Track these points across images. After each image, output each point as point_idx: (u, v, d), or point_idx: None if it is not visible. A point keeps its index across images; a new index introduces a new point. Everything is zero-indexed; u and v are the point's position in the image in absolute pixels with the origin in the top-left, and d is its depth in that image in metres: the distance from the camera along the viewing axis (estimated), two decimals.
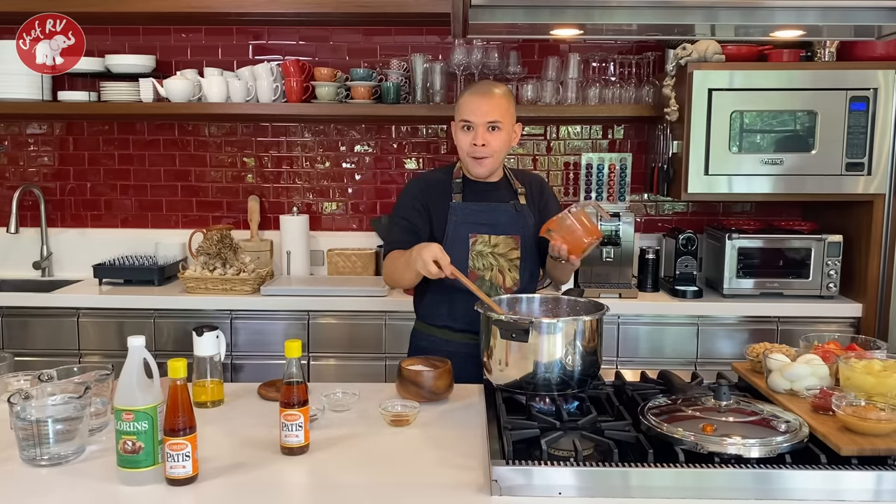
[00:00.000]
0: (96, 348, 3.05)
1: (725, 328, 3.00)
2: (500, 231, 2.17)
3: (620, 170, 3.28)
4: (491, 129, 2.10)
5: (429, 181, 2.26)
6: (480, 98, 2.11)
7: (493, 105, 2.10)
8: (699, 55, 2.92)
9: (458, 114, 2.15)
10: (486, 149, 2.11)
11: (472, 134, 2.10)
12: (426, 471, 1.46)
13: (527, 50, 3.40)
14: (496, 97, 2.11)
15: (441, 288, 2.15)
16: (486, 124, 2.09)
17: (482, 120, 2.09)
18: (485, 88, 2.14)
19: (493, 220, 2.18)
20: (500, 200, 2.21)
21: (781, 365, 1.69)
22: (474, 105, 2.10)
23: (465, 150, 2.14)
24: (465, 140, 2.13)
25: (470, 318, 2.09)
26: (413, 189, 2.25)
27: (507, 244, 2.18)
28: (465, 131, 2.12)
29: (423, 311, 2.27)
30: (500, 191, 2.23)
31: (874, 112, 2.89)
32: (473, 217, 2.17)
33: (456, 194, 2.19)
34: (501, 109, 2.11)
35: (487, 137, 2.10)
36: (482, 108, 2.09)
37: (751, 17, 1.72)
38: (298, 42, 3.50)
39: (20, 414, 1.45)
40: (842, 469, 1.34)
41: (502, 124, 2.11)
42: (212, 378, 1.81)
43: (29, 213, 3.55)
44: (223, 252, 3.13)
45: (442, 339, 2.20)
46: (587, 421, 1.55)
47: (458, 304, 2.16)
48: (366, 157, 3.57)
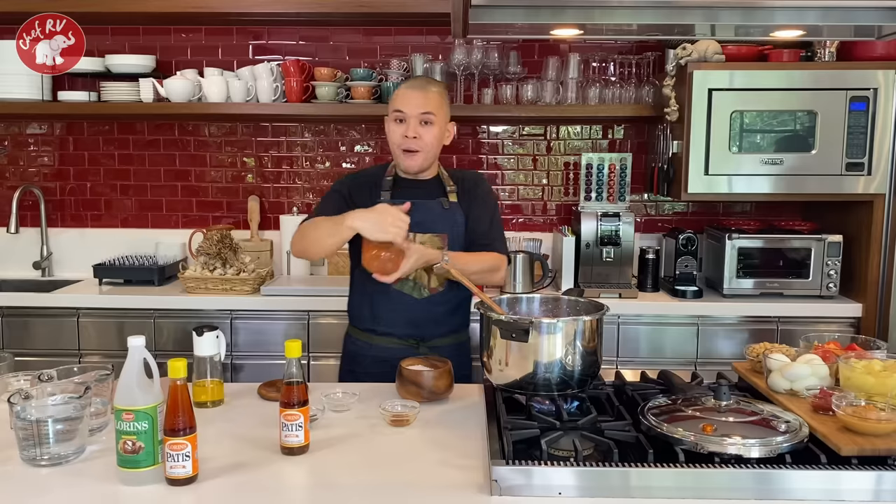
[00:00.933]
0: (96, 348, 3.05)
1: (725, 328, 3.00)
2: (427, 229, 2.11)
3: (620, 170, 3.27)
4: (424, 123, 2.08)
5: (359, 177, 2.23)
6: (415, 91, 2.10)
7: (428, 98, 2.08)
8: (699, 55, 2.92)
9: (391, 104, 2.12)
10: (417, 142, 2.08)
11: (405, 126, 2.08)
12: (426, 471, 1.46)
13: (527, 50, 3.40)
14: (431, 92, 2.10)
15: (362, 288, 2.10)
16: (419, 116, 2.07)
17: (415, 112, 2.07)
18: (420, 83, 2.14)
19: (420, 219, 2.08)
20: (428, 198, 2.16)
21: (781, 365, 1.69)
22: (408, 97, 2.09)
23: (396, 142, 2.10)
24: (396, 132, 2.09)
25: (392, 321, 2.08)
26: (344, 181, 2.22)
27: (434, 242, 2.11)
28: (397, 123, 2.10)
29: (350, 313, 2.22)
30: (429, 188, 2.19)
31: (874, 112, 2.89)
32: None
33: (384, 191, 2.15)
34: (435, 103, 2.09)
35: (420, 130, 2.07)
36: (416, 100, 2.08)
37: (751, 17, 1.72)
38: (298, 42, 3.50)
39: (20, 414, 1.45)
40: (842, 469, 1.34)
41: (435, 118, 2.08)
42: (212, 378, 1.81)
43: (29, 213, 3.55)
44: (223, 252, 3.13)
45: (367, 344, 2.15)
46: (587, 421, 1.55)
47: (378, 305, 2.10)
48: (366, 157, 3.57)
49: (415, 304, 2.11)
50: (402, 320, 2.11)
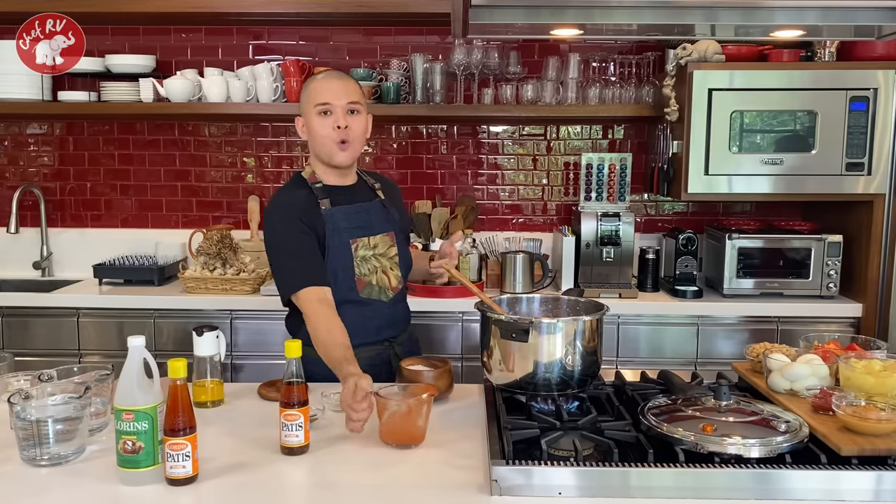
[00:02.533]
0: (96, 348, 3.05)
1: (725, 328, 3.00)
2: (377, 230, 2.07)
3: (620, 170, 3.27)
4: (351, 113, 1.99)
5: (292, 202, 2.01)
6: (337, 81, 2.00)
7: (352, 87, 2.00)
8: (699, 55, 2.92)
9: (311, 99, 1.99)
10: (348, 131, 1.98)
11: (333, 118, 1.97)
12: (426, 471, 1.46)
13: (527, 50, 3.40)
14: (352, 83, 2.02)
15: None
16: (347, 106, 1.97)
17: (342, 101, 1.97)
18: (336, 74, 2.05)
19: (367, 221, 2.05)
20: (363, 200, 2.10)
21: (781, 365, 1.69)
22: (333, 86, 1.98)
23: (327, 135, 1.97)
24: (324, 125, 1.97)
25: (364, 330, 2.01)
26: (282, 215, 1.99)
27: (385, 242, 2.08)
28: (322, 116, 1.97)
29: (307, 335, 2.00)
30: (359, 192, 2.12)
31: (874, 112, 2.89)
32: (348, 221, 2.03)
33: (322, 200, 2.01)
34: (358, 93, 2.02)
35: (349, 120, 1.98)
36: (340, 89, 1.98)
37: (751, 17, 1.72)
38: (298, 42, 3.50)
39: (20, 414, 1.45)
40: (842, 469, 1.34)
41: (361, 108, 2.01)
42: (212, 378, 1.81)
43: (29, 213, 3.55)
44: (223, 252, 3.13)
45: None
46: (587, 421, 1.55)
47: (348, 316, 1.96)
48: (366, 157, 3.57)
49: (382, 307, 2.08)
50: (373, 327, 2.06)
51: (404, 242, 2.18)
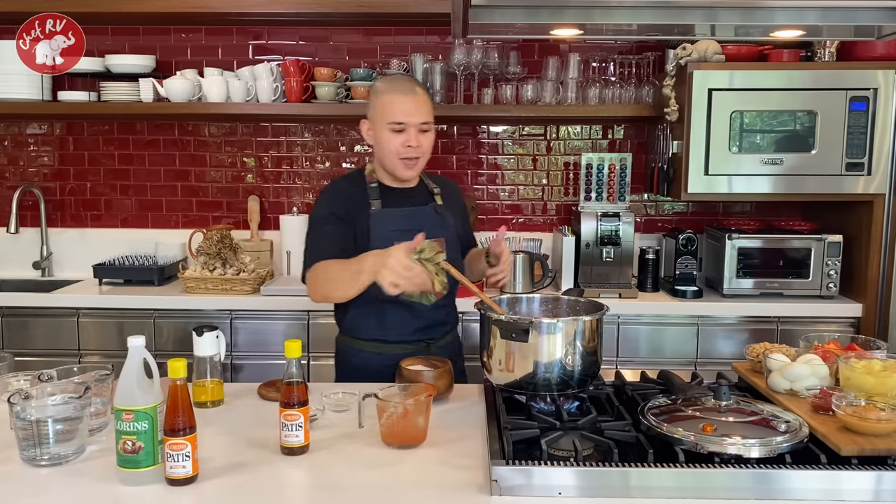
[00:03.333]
0: (96, 348, 3.05)
1: (725, 328, 3.00)
2: (426, 236, 2.04)
3: (620, 170, 3.27)
4: (422, 132, 2.05)
5: (340, 192, 2.13)
6: (412, 99, 2.04)
7: (424, 105, 2.05)
8: (699, 55, 2.92)
9: (384, 115, 2.04)
10: (418, 149, 2.04)
11: (405, 136, 2.02)
12: (426, 471, 1.46)
13: (527, 50, 3.40)
14: (424, 97, 2.06)
15: (369, 299, 2.02)
16: (419, 125, 2.03)
17: (416, 121, 2.02)
18: (411, 88, 2.06)
19: (416, 226, 2.04)
20: (418, 204, 2.14)
21: (781, 365, 1.69)
22: (407, 106, 2.03)
23: (394, 151, 2.04)
24: (395, 141, 2.03)
25: (402, 329, 2.06)
26: (327, 202, 2.10)
27: (433, 248, 2.05)
28: (394, 134, 2.03)
29: (349, 325, 2.15)
30: (417, 195, 2.16)
31: (874, 112, 2.89)
32: (396, 224, 2.06)
33: (374, 200, 2.08)
34: (429, 110, 2.06)
35: (420, 138, 2.04)
36: (417, 109, 2.03)
37: (751, 17, 1.72)
38: (298, 42, 3.50)
39: (20, 414, 1.45)
40: (842, 469, 1.34)
41: (430, 125, 2.07)
42: (212, 378, 1.81)
43: (29, 213, 3.56)
44: (223, 252, 3.13)
45: (374, 354, 2.10)
46: (587, 421, 1.55)
47: (389, 315, 2.07)
48: (366, 156, 3.57)
49: (423, 309, 2.08)
50: (411, 327, 2.09)
51: (456, 249, 2.17)
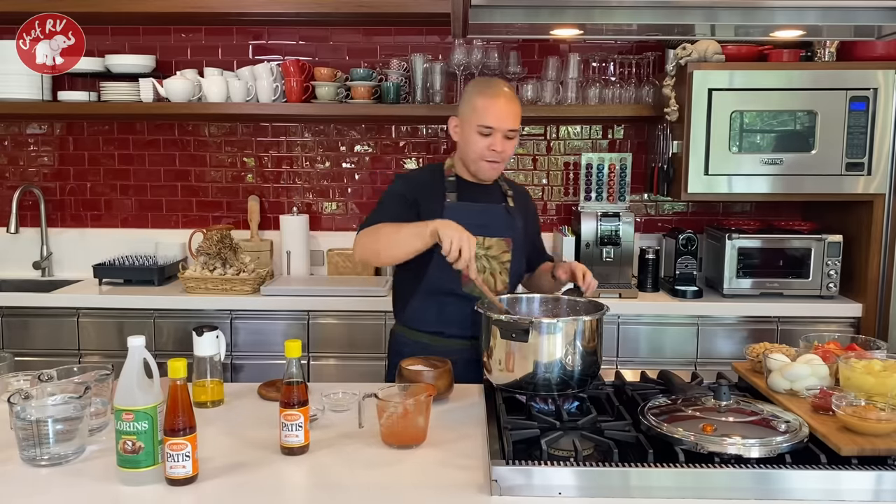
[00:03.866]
0: (96, 348, 3.05)
1: (725, 328, 3.00)
2: (494, 233, 2.14)
3: (620, 170, 3.28)
4: (508, 138, 2.08)
5: (418, 178, 2.21)
6: (504, 104, 2.06)
7: (515, 113, 2.08)
8: (699, 55, 2.92)
9: (474, 115, 2.07)
10: (502, 154, 2.09)
11: (491, 139, 2.06)
12: (426, 471, 1.46)
13: (527, 50, 3.40)
14: (515, 105, 2.09)
15: (431, 291, 2.10)
16: (507, 132, 2.07)
17: (505, 127, 2.06)
18: (505, 93, 2.09)
19: (487, 222, 2.13)
20: (491, 202, 2.19)
21: (781, 365, 1.69)
22: (499, 112, 2.05)
23: (479, 153, 2.08)
24: (481, 143, 2.07)
25: (464, 322, 2.07)
26: (402, 183, 2.18)
27: (500, 247, 2.15)
28: (481, 136, 2.07)
29: (408, 316, 2.19)
30: (491, 193, 2.21)
31: (874, 112, 2.89)
32: (468, 218, 2.07)
33: (450, 193, 2.14)
34: (518, 117, 2.10)
35: (505, 144, 2.08)
36: (507, 116, 2.06)
37: (751, 17, 1.72)
38: (298, 42, 3.50)
39: (20, 414, 1.45)
40: (842, 469, 1.34)
41: (516, 132, 2.11)
42: (212, 378, 1.81)
43: (29, 213, 3.56)
44: (223, 252, 3.13)
45: (429, 346, 2.12)
46: (587, 421, 1.55)
47: (449, 308, 2.11)
48: (366, 156, 3.57)
49: None
50: (469, 322, 2.07)
51: (521, 252, 2.20)
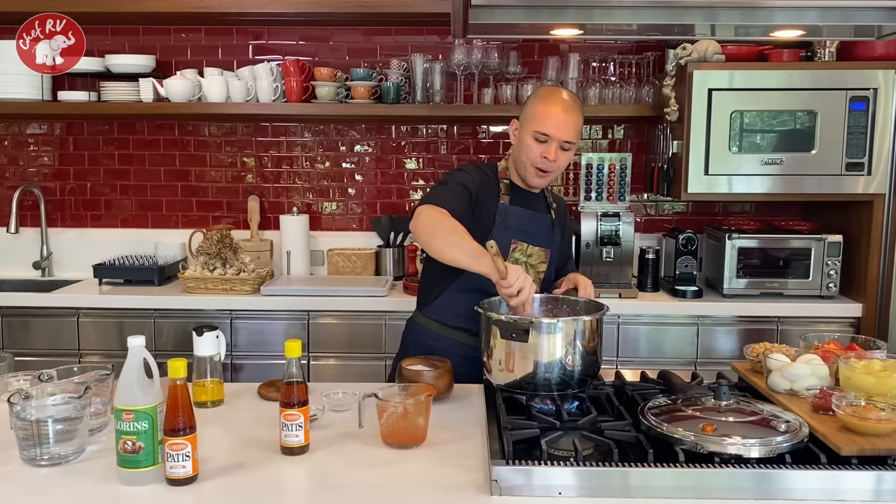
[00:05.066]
0: (96, 348, 3.05)
1: (725, 328, 3.00)
2: (538, 242, 2.15)
3: (620, 170, 3.27)
4: (563, 149, 2.06)
5: (480, 175, 2.14)
6: (567, 115, 2.04)
7: (574, 123, 2.05)
8: (699, 55, 2.92)
9: (533, 121, 2.05)
10: (554, 164, 2.06)
11: (546, 147, 2.04)
12: (426, 471, 1.46)
13: (527, 50, 3.40)
14: (576, 118, 2.06)
15: (466, 287, 2.07)
16: (563, 142, 2.04)
17: (562, 137, 2.03)
18: (565, 101, 2.06)
19: (534, 230, 2.14)
20: (539, 211, 2.19)
21: (781, 365, 1.69)
22: (560, 121, 2.03)
23: (532, 159, 2.06)
24: (536, 150, 2.05)
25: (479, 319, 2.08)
26: (471, 172, 2.13)
27: (539, 256, 2.16)
28: (536, 143, 2.04)
29: (438, 309, 2.16)
30: (540, 202, 2.21)
31: (874, 112, 2.89)
32: (518, 223, 2.12)
33: (505, 195, 2.13)
34: (577, 131, 2.07)
35: (559, 154, 2.05)
36: (565, 126, 2.03)
37: (751, 17, 1.72)
38: (298, 42, 3.50)
39: (20, 414, 1.45)
40: (842, 469, 1.34)
41: (574, 144, 2.08)
42: (212, 378, 1.81)
43: (29, 213, 3.55)
44: (223, 252, 3.13)
45: (454, 342, 2.12)
46: (587, 421, 1.55)
47: None
48: (366, 156, 3.57)
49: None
50: None
51: (554, 265, 2.22)
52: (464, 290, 2.09)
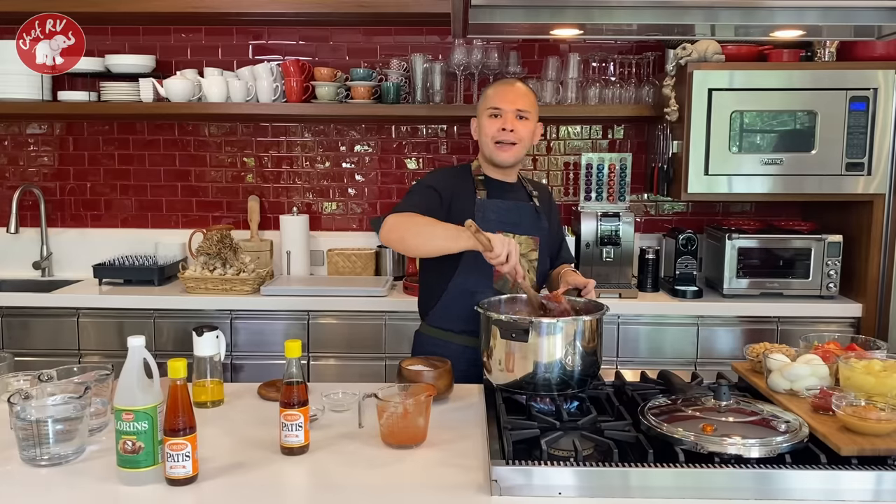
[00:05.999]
0: (96, 348, 3.05)
1: (725, 328, 3.00)
2: (524, 231, 2.16)
3: (620, 170, 3.28)
4: (519, 118, 2.10)
5: (449, 175, 2.21)
6: (510, 87, 2.14)
7: (523, 94, 2.13)
8: (699, 55, 2.92)
9: (484, 103, 2.14)
10: (513, 135, 2.10)
11: (501, 120, 2.10)
12: (426, 471, 1.46)
13: (527, 50, 3.40)
14: (525, 89, 2.16)
15: (462, 291, 2.09)
16: (515, 111, 2.10)
17: (512, 107, 2.10)
18: (512, 81, 2.19)
19: (518, 220, 2.16)
20: (519, 200, 2.20)
21: (781, 365, 1.69)
22: (504, 93, 2.12)
23: (490, 135, 2.11)
24: (492, 126, 2.11)
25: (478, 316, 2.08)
26: (439, 176, 2.20)
27: (528, 245, 2.17)
28: (492, 119, 2.11)
29: (437, 316, 2.18)
30: (518, 192, 2.23)
31: (874, 112, 2.89)
32: (499, 215, 2.14)
33: (480, 191, 2.15)
34: (529, 101, 2.13)
35: (516, 124, 2.10)
36: (511, 95, 2.11)
37: (751, 17, 1.72)
38: (298, 42, 3.50)
39: (20, 414, 1.45)
40: (842, 469, 1.34)
41: (530, 115, 2.12)
42: (212, 378, 1.81)
43: (29, 213, 3.55)
44: (223, 252, 3.13)
45: (461, 346, 2.11)
46: (587, 421, 1.55)
47: None
48: (366, 157, 3.57)
49: None
50: None
51: (547, 251, 2.23)
52: (462, 292, 2.10)
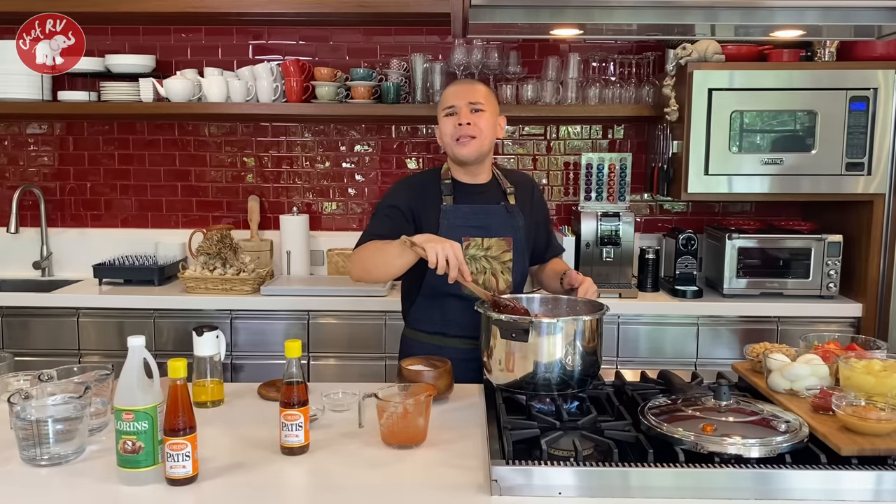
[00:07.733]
0: (96, 348, 3.05)
1: (725, 328, 3.00)
2: (493, 233, 2.14)
3: (620, 170, 3.28)
4: (474, 111, 2.10)
5: (415, 183, 2.22)
6: (461, 85, 2.16)
7: (474, 89, 2.13)
8: (699, 55, 2.92)
9: (440, 106, 2.16)
10: (471, 128, 2.08)
11: (457, 117, 2.10)
12: (426, 471, 1.46)
13: (527, 50, 3.40)
14: (476, 84, 2.16)
15: (433, 293, 2.12)
16: (469, 105, 2.09)
17: (464, 101, 2.09)
18: (464, 80, 2.23)
19: (486, 223, 2.14)
20: (490, 202, 2.18)
21: (781, 365, 1.69)
22: (455, 91, 2.13)
23: (449, 133, 2.11)
24: (449, 124, 2.11)
25: (465, 323, 2.08)
26: (399, 190, 2.20)
27: (500, 246, 2.15)
28: (448, 118, 2.11)
29: (413, 317, 2.22)
30: (489, 192, 2.20)
31: (874, 112, 2.89)
32: (465, 220, 2.13)
33: (446, 196, 2.15)
34: (482, 94, 2.13)
35: (472, 117, 2.09)
36: (463, 92, 2.11)
37: (751, 17, 1.72)
38: (298, 42, 3.50)
39: (20, 414, 1.45)
40: (842, 469, 1.34)
41: (485, 107, 2.11)
42: (212, 378, 1.81)
43: (29, 213, 3.56)
44: (223, 252, 3.13)
45: (435, 346, 2.13)
46: (587, 421, 1.55)
47: (451, 308, 2.12)
48: (366, 156, 3.57)
49: None
50: (472, 323, 2.05)
51: (524, 251, 2.20)
52: (433, 295, 2.13)
